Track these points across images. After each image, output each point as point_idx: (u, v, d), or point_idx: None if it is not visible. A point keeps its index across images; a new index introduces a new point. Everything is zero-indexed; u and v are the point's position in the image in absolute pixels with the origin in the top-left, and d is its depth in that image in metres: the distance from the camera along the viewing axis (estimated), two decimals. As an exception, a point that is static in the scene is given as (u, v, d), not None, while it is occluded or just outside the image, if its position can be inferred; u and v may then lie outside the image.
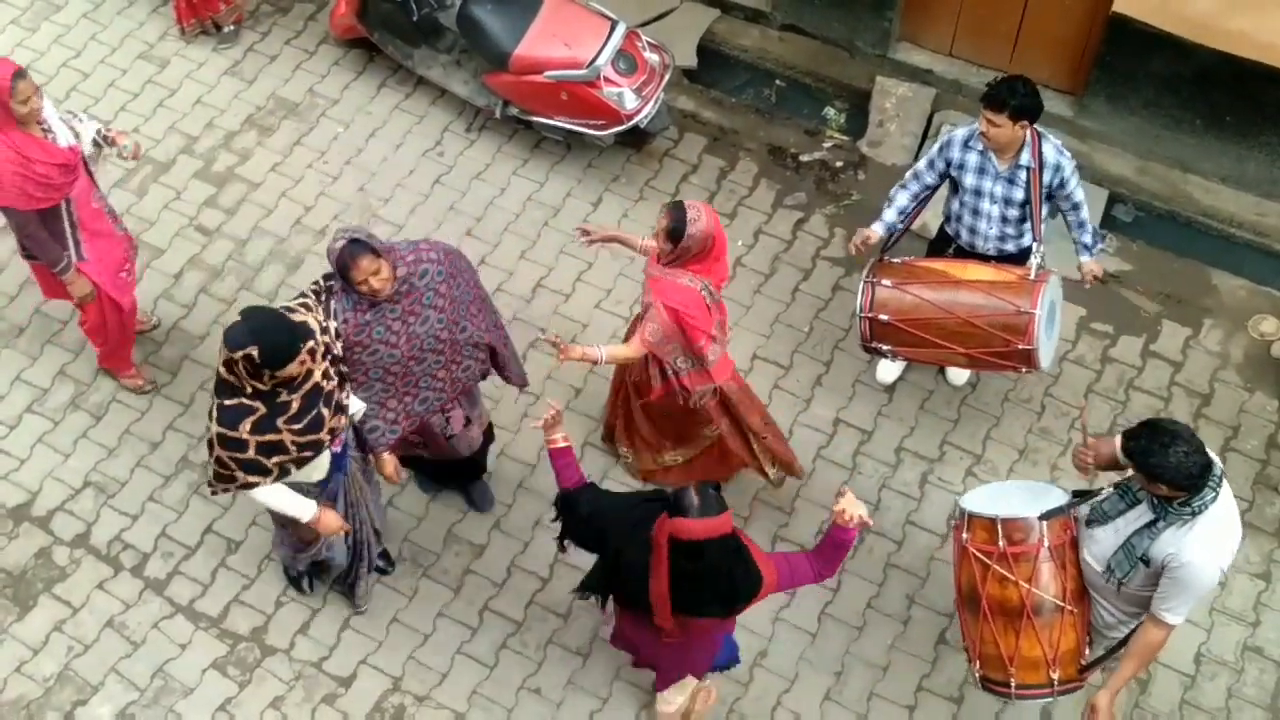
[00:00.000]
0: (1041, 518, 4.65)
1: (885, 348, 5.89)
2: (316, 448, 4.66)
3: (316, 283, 4.86)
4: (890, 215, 5.90)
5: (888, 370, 6.54)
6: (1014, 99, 5.33)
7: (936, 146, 5.78)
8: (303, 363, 4.42)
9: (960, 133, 5.70)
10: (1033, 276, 5.58)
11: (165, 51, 7.90)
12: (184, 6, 7.77)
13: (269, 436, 4.52)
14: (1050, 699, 4.89)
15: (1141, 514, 4.43)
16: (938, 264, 5.84)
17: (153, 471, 6.29)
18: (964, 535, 4.85)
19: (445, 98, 7.67)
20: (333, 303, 4.78)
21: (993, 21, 7.45)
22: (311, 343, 4.45)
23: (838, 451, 6.36)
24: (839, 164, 7.42)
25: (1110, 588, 4.59)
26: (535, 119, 7.23)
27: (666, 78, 7.09)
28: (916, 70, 7.73)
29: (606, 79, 6.86)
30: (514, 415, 6.40)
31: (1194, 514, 4.27)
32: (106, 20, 8.02)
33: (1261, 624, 5.85)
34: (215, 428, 4.51)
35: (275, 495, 4.77)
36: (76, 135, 5.64)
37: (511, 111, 7.29)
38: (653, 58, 7.04)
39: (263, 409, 4.46)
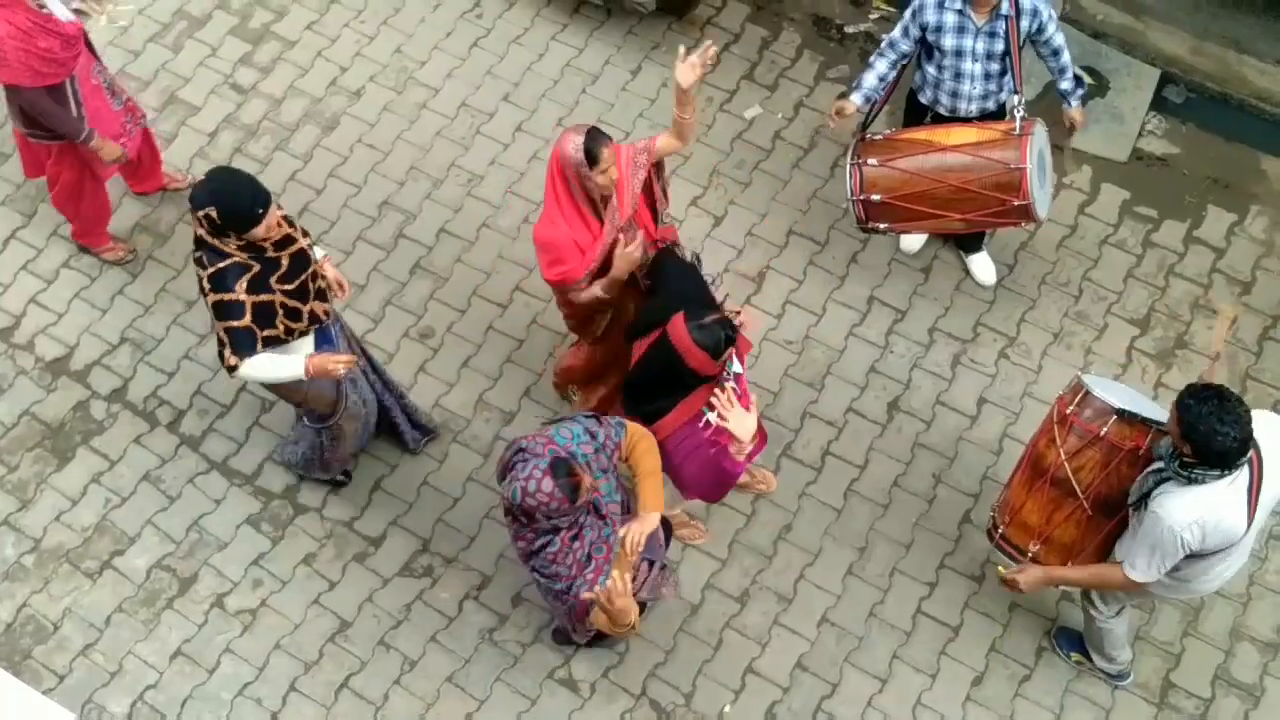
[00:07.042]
0: (1116, 411, 4.60)
1: (883, 226, 5.84)
2: (297, 316, 4.59)
3: None
4: (869, 82, 5.78)
5: (912, 239, 6.48)
6: None
7: (910, 12, 5.64)
8: (279, 225, 4.31)
9: None
10: (1017, 130, 5.51)
11: (200, -97, 7.75)
12: None
13: (263, 296, 4.43)
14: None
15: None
16: (920, 133, 5.76)
17: (188, 330, 6.34)
18: (1062, 392, 4.87)
19: (484, -42, 7.51)
20: None
21: (1050, -110, 7.19)
22: (276, 207, 4.35)
23: (870, 330, 6.32)
24: (884, 37, 7.23)
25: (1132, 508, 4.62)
26: (575, -18, 7.09)
27: (710, -58, 6.91)
28: (969, -60, 7.49)
29: (649, -58, 6.69)
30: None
31: (1189, 481, 4.24)
32: None
33: (1288, 514, 5.85)
34: (211, 296, 4.39)
35: (262, 367, 4.65)
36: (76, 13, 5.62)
37: (551, -26, 7.14)
38: (697, -79, 6.85)
39: (256, 266, 4.34)
